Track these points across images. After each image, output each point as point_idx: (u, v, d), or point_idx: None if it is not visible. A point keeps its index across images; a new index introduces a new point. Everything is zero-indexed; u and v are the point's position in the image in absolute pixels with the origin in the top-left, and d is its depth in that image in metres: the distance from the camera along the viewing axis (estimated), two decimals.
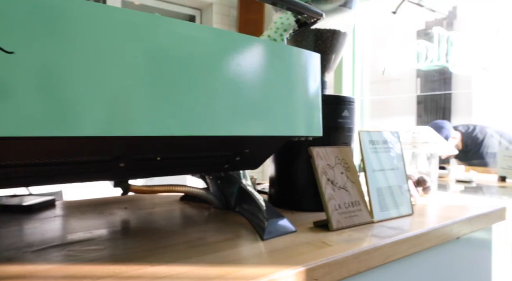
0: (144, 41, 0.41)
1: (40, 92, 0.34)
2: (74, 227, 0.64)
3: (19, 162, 0.42)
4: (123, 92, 0.40)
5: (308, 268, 0.46)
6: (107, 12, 0.38)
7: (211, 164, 0.62)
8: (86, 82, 0.37)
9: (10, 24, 0.32)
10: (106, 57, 0.38)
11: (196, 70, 0.46)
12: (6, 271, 0.43)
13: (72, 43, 0.36)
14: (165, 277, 0.42)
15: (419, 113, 4.14)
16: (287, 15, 0.61)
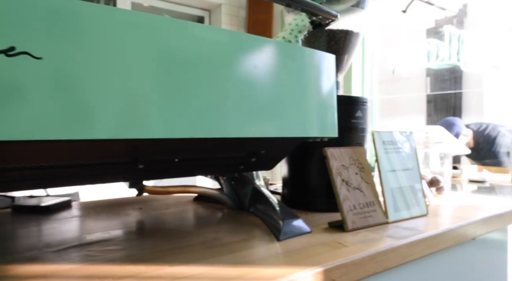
0: (158, 43, 0.42)
1: (57, 96, 0.35)
2: (92, 228, 0.65)
3: (42, 164, 0.42)
4: (137, 95, 0.40)
5: (326, 268, 0.46)
6: (120, 15, 0.39)
7: (227, 165, 0.63)
8: (101, 86, 0.37)
9: (29, 28, 0.33)
10: (121, 60, 0.39)
11: (210, 72, 0.46)
12: (30, 270, 0.44)
13: (87, 47, 0.37)
14: (184, 278, 0.42)
15: (429, 112, 4.11)
16: (302, 17, 0.61)
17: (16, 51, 0.31)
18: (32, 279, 0.42)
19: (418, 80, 3.94)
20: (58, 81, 0.34)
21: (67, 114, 0.35)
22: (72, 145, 0.41)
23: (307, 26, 0.61)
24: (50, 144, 0.38)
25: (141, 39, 0.40)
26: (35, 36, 0.32)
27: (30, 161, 0.41)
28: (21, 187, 0.48)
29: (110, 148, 0.43)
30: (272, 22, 2.84)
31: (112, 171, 0.49)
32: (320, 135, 0.57)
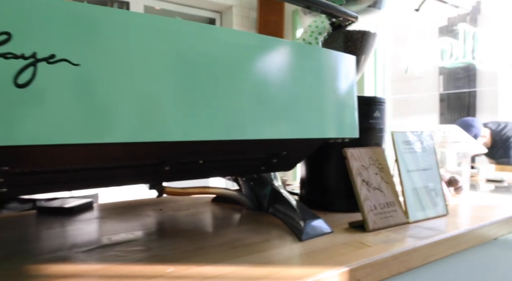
0: (177, 46, 0.42)
1: (90, 101, 0.36)
2: (115, 229, 0.66)
3: (72, 167, 0.44)
4: (156, 99, 0.41)
5: (351, 268, 0.47)
6: (138, 19, 0.39)
7: (249, 166, 0.63)
8: (126, 90, 0.38)
9: (66, 37, 0.34)
10: (144, 64, 0.40)
11: (229, 74, 0.47)
12: (63, 270, 0.46)
13: (115, 52, 0.37)
14: (213, 277, 0.43)
15: (441, 111, 4.06)
16: (321, 19, 0.61)
17: (56, 58, 0.32)
18: (66, 278, 0.43)
19: (431, 79, 3.90)
20: (94, 86, 0.35)
21: (97, 118, 0.36)
22: (101, 148, 0.42)
23: (327, 28, 0.62)
24: (81, 148, 0.40)
25: (162, 43, 0.41)
26: (72, 44, 0.33)
27: (61, 164, 0.43)
28: (51, 189, 0.49)
29: (138, 150, 0.45)
30: (283, 23, 2.84)
31: (140, 172, 0.50)
32: (341, 136, 0.58)
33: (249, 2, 2.91)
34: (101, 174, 0.47)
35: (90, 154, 0.42)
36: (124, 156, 0.45)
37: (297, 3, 0.56)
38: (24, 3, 0.31)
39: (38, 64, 0.31)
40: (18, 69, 0.31)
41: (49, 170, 0.42)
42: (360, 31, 0.82)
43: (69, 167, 0.42)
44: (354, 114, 0.60)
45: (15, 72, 0.31)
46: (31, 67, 0.31)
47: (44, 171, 0.41)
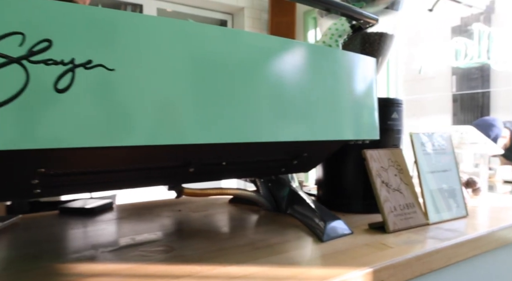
0: (193, 50, 0.42)
1: (114, 104, 0.37)
2: (137, 229, 0.67)
3: (104, 169, 0.45)
4: (175, 102, 0.41)
5: (375, 269, 0.47)
6: (156, 23, 0.40)
7: (270, 168, 0.64)
8: (149, 94, 0.39)
9: (101, 43, 0.35)
10: (165, 69, 0.40)
11: (250, 77, 0.48)
12: (93, 269, 0.47)
13: (139, 56, 0.38)
14: (239, 277, 0.44)
15: (454, 111, 4.01)
16: (342, 21, 0.62)
17: (92, 64, 0.33)
18: (97, 277, 0.44)
19: (443, 79, 3.86)
20: (126, 90, 0.36)
21: (129, 121, 0.37)
22: (130, 150, 0.43)
23: (347, 30, 0.62)
24: (111, 150, 0.41)
25: (182, 47, 0.41)
26: (107, 50, 0.34)
27: (92, 166, 0.44)
28: (80, 190, 0.50)
29: (164, 153, 0.46)
30: (295, 24, 2.84)
31: (165, 174, 0.51)
32: (362, 138, 0.58)
33: (261, 4, 2.92)
34: (129, 175, 0.48)
35: (120, 156, 0.43)
36: (151, 158, 0.46)
37: (318, 5, 0.57)
38: (63, 12, 0.33)
39: (76, 70, 0.32)
40: (58, 75, 0.32)
41: (80, 172, 0.43)
42: (377, 33, 0.82)
43: (99, 169, 0.43)
44: (374, 116, 0.60)
45: (56, 77, 0.32)
46: (69, 73, 0.32)
47: (76, 172, 0.43)
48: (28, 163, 0.36)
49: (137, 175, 0.49)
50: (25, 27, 0.31)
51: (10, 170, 0.37)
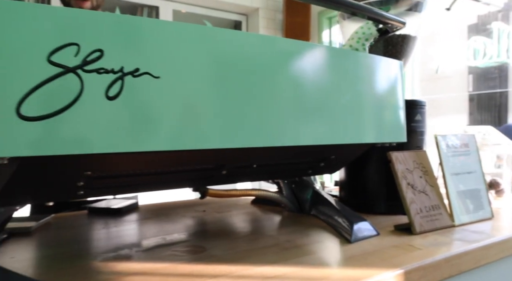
0: (223, 56, 0.43)
1: (158, 110, 0.39)
2: (167, 229, 0.69)
3: (140, 171, 0.47)
4: (198, 106, 0.42)
5: (406, 270, 0.48)
6: (180, 28, 0.40)
7: (297, 170, 0.65)
8: (182, 100, 0.40)
9: (146, 51, 0.37)
10: (196, 76, 0.41)
11: (279, 83, 0.48)
12: (130, 267, 0.49)
13: (179, 64, 0.40)
14: (273, 277, 0.45)
15: (470, 111, 3.96)
16: (368, 25, 0.63)
17: (140, 72, 0.35)
18: (135, 276, 0.46)
19: (459, 78, 3.80)
20: (169, 97, 0.37)
21: (172, 127, 0.39)
22: (169, 154, 0.44)
23: (374, 34, 0.63)
24: (152, 154, 0.42)
25: (214, 53, 0.42)
26: (152, 58, 0.36)
27: (132, 169, 0.46)
28: (120, 192, 0.52)
29: (202, 156, 0.47)
30: (310, 24, 2.84)
31: (198, 176, 0.52)
32: (390, 141, 0.59)
33: (275, 5, 2.93)
34: (166, 177, 0.49)
35: (158, 159, 0.45)
36: (187, 161, 0.47)
37: (346, 9, 0.57)
38: (113, 22, 0.34)
39: (125, 78, 0.34)
40: (109, 83, 0.33)
41: (122, 174, 0.44)
42: (400, 35, 0.82)
43: (139, 171, 0.45)
44: (402, 119, 0.61)
45: (107, 85, 0.33)
46: (119, 81, 0.34)
47: (117, 175, 0.44)
48: (78, 166, 0.38)
49: (173, 177, 0.50)
50: (80, 38, 0.32)
51: (61, 172, 0.39)
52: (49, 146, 0.31)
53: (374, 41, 0.64)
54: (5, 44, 0.30)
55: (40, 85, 0.30)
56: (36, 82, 0.30)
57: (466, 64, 2.36)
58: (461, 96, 4.01)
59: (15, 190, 0.39)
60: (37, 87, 0.30)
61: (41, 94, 0.31)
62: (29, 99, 0.30)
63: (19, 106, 0.30)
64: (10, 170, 0.33)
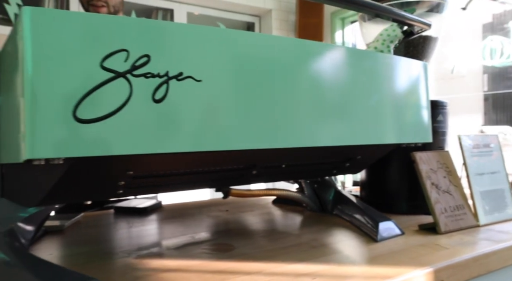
0: (253, 60, 0.44)
1: (199, 113, 0.40)
2: (193, 228, 0.71)
3: (175, 171, 0.48)
4: (235, 108, 0.43)
5: (435, 269, 0.48)
6: (217, 33, 0.41)
7: (323, 170, 0.66)
8: (220, 102, 0.41)
9: (188, 56, 0.38)
10: (230, 79, 0.43)
11: (306, 85, 0.49)
12: (165, 265, 0.50)
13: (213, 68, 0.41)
14: (305, 275, 0.46)
15: (485, 110, 3.91)
16: (393, 27, 0.63)
17: (183, 75, 0.36)
18: (171, 272, 0.48)
19: (474, 77, 3.76)
20: (209, 99, 0.39)
21: (210, 128, 0.40)
22: (203, 155, 0.46)
23: (399, 36, 0.63)
24: (189, 154, 0.44)
25: (240, 54, 0.43)
26: (194, 62, 0.38)
27: (170, 169, 0.47)
28: (155, 191, 0.54)
29: (235, 156, 0.48)
30: (323, 25, 2.85)
31: (229, 176, 0.54)
32: (415, 141, 0.60)
33: (288, 6, 2.94)
34: (199, 177, 0.51)
35: (193, 159, 0.46)
36: (221, 161, 0.49)
37: (370, 12, 0.58)
38: (159, 29, 0.36)
39: (170, 81, 0.36)
40: (155, 87, 0.35)
41: (160, 174, 0.46)
42: (422, 36, 0.83)
43: (176, 171, 0.47)
44: (427, 119, 0.61)
45: (153, 89, 0.35)
46: (164, 85, 0.35)
47: (156, 174, 0.46)
48: (122, 166, 0.40)
49: (206, 177, 0.52)
50: (129, 44, 0.34)
51: (106, 172, 0.40)
52: (102, 147, 0.33)
53: (398, 43, 0.65)
54: (63, 52, 0.32)
55: (94, 89, 0.32)
56: (91, 87, 0.32)
57: (481, 63, 2.33)
58: (476, 95, 3.96)
59: (60, 190, 0.41)
60: (91, 91, 0.32)
61: (95, 97, 0.32)
62: (84, 102, 0.32)
63: (75, 109, 0.31)
64: (62, 170, 0.35)
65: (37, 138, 0.30)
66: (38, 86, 0.30)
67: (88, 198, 0.56)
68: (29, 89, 0.30)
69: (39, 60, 0.31)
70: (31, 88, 0.30)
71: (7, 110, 0.42)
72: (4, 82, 0.43)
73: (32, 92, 0.30)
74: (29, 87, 0.30)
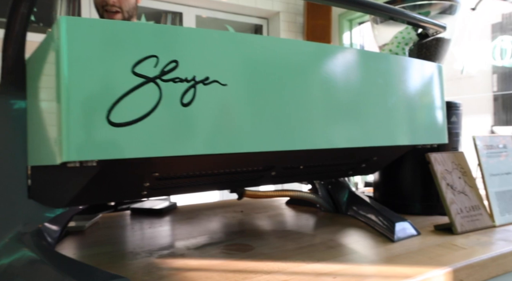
0: (273, 63, 0.45)
1: (224, 116, 0.41)
2: (210, 228, 0.72)
3: (197, 173, 0.49)
4: (256, 111, 0.44)
5: (454, 269, 0.49)
6: (239, 38, 0.42)
7: (339, 171, 0.67)
8: (243, 106, 0.42)
9: (215, 62, 0.40)
10: (250, 83, 0.44)
11: (323, 88, 0.50)
12: (187, 264, 0.51)
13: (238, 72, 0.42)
14: (326, 274, 0.47)
15: (495, 111, 3.88)
16: (408, 29, 0.64)
17: (209, 80, 0.37)
18: (195, 271, 0.49)
19: (483, 77, 3.74)
20: (233, 103, 0.40)
21: (233, 131, 0.42)
22: (226, 157, 0.47)
23: (414, 38, 0.64)
24: (212, 156, 0.45)
25: (260, 58, 0.44)
26: (219, 67, 0.39)
27: (193, 170, 0.49)
28: (178, 192, 0.55)
29: (254, 158, 0.49)
30: (331, 27, 2.85)
31: (249, 177, 0.55)
32: (431, 142, 0.60)
33: (296, 8, 2.95)
34: (220, 178, 0.52)
35: (214, 160, 0.47)
36: (241, 162, 0.50)
37: (384, 15, 0.59)
38: (186, 35, 0.37)
39: (197, 86, 0.37)
40: (183, 91, 0.36)
41: (183, 175, 0.47)
42: (435, 38, 0.83)
43: (198, 173, 0.48)
44: (443, 121, 0.62)
45: (181, 93, 0.36)
46: (192, 89, 0.37)
47: (179, 176, 0.47)
48: (149, 168, 0.41)
49: (227, 178, 0.53)
50: (159, 50, 0.35)
51: (134, 173, 0.42)
52: (133, 149, 0.34)
53: (413, 45, 0.66)
54: (96, 58, 0.33)
55: (126, 94, 0.33)
56: (123, 92, 0.33)
57: (491, 63, 2.32)
58: (485, 96, 3.93)
59: (89, 191, 0.42)
60: (124, 95, 0.33)
61: (127, 102, 0.34)
62: (117, 107, 0.33)
63: (109, 113, 0.33)
64: (94, 172, 0.36)
65: (73, 141, 0.32)
66: (74, 92, 0.32)
67: (113, 199, 0.58)
68: (66, 95, 0.32)
69: (75, 66, 0.32)
70: (67, 94, 0.32)
71: (36, 114, 0.44)
72: (33, 88, 0.45)
73: (69, 98, 0.32)
74: (66, 93, 0.32)
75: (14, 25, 0.44)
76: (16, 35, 0.44)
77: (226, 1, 2.71)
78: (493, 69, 3.61)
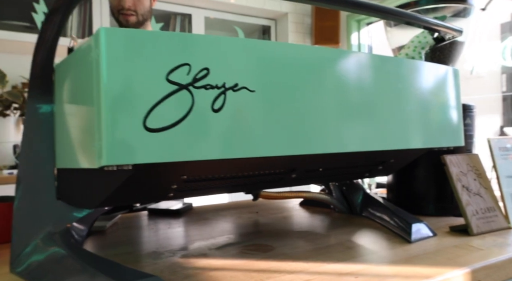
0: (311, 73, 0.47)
1: (251, 121, 0.43)
2: (229, 229, 0.73)
3: (222, 175, 0.51)
4: (281, 116, 0.46)
5: (473, 269, 0.50)
6: (263, 46, 0.44)
7: (356, 173, 0.68)
8: (269, 112, 0.44)
9: (242, 69, 0.41)
10: (278, 88, 0.45)
11: (343, 94, 0.52)
12: (210, 264, 0.53)
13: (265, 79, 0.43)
14: (347, 274, 0.48)
15: (504, 111, 3.86)
16: (424, 34, 0.65)
17: (238, 86, 0.39)
18: (219, 271, 0.50)
19: (492, 78, 3.72)
20: (261, 108, 0.41)
21: (260, 135, 0.43)
22: (249, 160, 0.48)
23: (430, 42, 0.65)
24: (235, 160, 0.46)
25: (284, 65, 0.45)
26: (247, 74, 0.40)
27: (217, 173, 0.50)
28: (203, 193, 0.57)
29: (275, 161, 0.51)
30: (339, 27, 2.86)
31: (270, 179, 0.56)
32: (448, 145, 0.61)
33: (304, 9, 2.96)
34: (243, 180, 0.53)
35: (239, 164, 0.49)
36: (264, 165, 0.51)
37: (402, 20, 0.60)
38: (217, 43, 0.39)
39: (227, 92, 0.38)
40: (214, 97, 0.38)
41: (208, 178, 0.49)
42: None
43: (223, 175, 0.49)
44: (459, 124, 0.63)
45: (212, 99, 0.38)
46: (222, 95, 0.38)
47: (205, 178, 0.49)
48: (179, 171, 0.43)
49: (249, 180, 0.54)
50: (191, 59, 0.37)
51: (164, 176, 0.43)
52: (167, 154, 0.35)
53: (429, 49, 0.67)
54: (133, 67, 0.34)
55: (161, 101, 0.35)
56: (158, 98, 0.35)
57: (500, 63, 2.31)
58: (494, 96, 3.91)
59: (120, 193, 0.44)
60: (159, 102, 0.35)
61: (161, 108, 0.35)
62: (153, 113, 0.35)
63: (145, 119, 0.34)
64: (128, 175, 0.38)
65: (113, 146, 0.33)
66: (113, 99, 0.33)
67: (140, 201, 0.59)
68: (105, 102, 0.33)
69: (114, 74, 0.34)
70: (107, 101, 0.33)
71: (65, 118, 0.45)
72: (63, 92, 0.46)
73: (109, 105, 0.33)
74: (106, 100, 0.33)
75: (46, 33, 0.45)
76: (47, 41, 0.46)
77: (234, 3, 2.73)
78: (502, 69, 3.59)
